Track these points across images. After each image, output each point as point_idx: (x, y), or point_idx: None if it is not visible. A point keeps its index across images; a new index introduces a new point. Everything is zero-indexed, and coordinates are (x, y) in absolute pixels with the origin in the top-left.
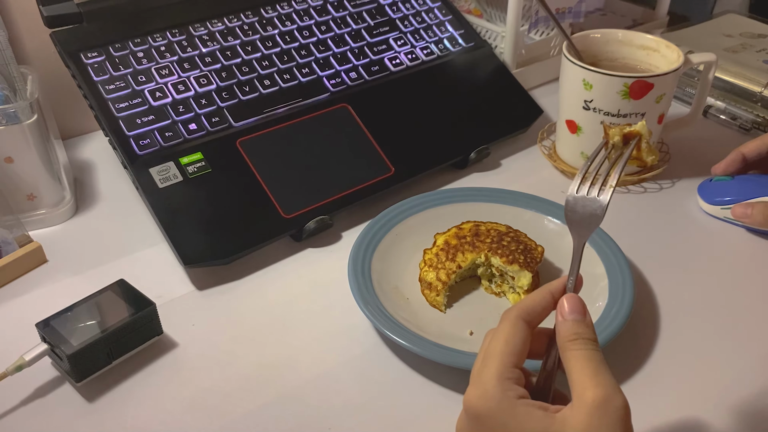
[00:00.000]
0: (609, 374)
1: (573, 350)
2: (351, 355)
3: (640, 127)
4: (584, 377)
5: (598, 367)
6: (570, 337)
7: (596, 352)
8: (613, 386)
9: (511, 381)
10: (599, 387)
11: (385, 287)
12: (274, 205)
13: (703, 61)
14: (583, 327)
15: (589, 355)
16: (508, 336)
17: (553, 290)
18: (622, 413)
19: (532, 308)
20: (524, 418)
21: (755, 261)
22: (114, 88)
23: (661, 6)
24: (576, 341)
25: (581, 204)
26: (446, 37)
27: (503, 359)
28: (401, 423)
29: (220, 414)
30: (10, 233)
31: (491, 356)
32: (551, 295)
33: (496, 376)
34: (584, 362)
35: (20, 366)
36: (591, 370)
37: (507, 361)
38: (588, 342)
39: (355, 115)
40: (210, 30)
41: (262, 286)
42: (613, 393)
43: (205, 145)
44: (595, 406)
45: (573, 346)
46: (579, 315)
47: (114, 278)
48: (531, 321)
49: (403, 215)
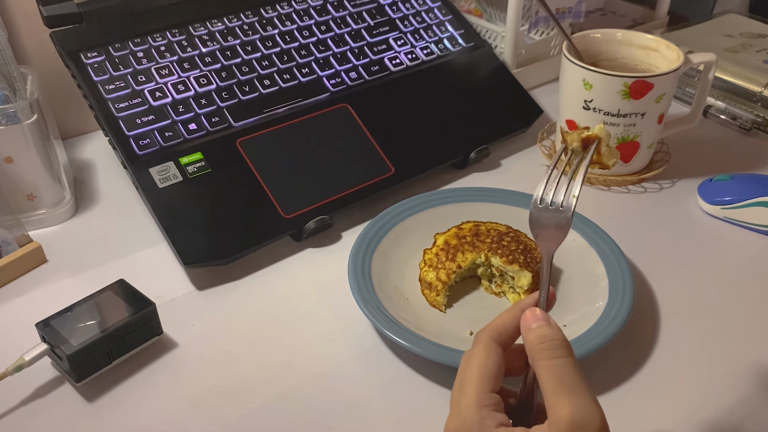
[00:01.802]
0: (583, 387)
1: (543, 360)
2: (351, 355)
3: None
4: (557, 394)
5: (572, 381)
6: (538, 345)
7: (567, 360)
8: (588, 402)
9: (489, 408)
10: (573, 406)
11: (385, 287)
12: (274, 205)
13: (703, 61)
14: (549, 330)
15: (560, 366)
16: (482, 361)
17: (524, 307)
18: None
19: (503, 328)
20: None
21: (755, 261)
22: (114, 88)
23: (661, 6)
24: (544, 349)
25: (545, 216)
26: (446, 37)
27: (479, 387)
28: (401, 423)
29: (220, 414)
30: (10, 233)
31: (467, 384)
32: (522, 313)
33: (474, 404)
34: (555, 376)
35: (20, 366)
36: (564, 385)
37: (483, 388)
38: (557, 348)
39: (355, 115)
40: (210, 30)
41: (262, 286)
42: (589, 411)
43: (205, 145)
44: (571, 428)
45: (542, 355)
46: (543, 321)
47: (114, 278)
48: (504, 341)
49: (403, 215)
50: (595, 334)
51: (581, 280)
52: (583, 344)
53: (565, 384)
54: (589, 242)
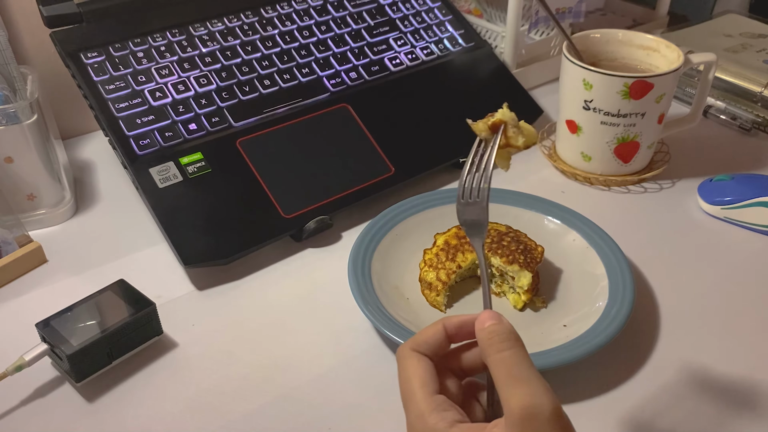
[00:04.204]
0: (532, 375)
1: (492, 355)
2: (351, 355)
3: (501, 114)
4: (508, 386)
5: (520, 371)
6: (487, 341)
7: (514, 351)
8: (537, 389)
9: (436, 411)
10: (523, 394)
11: (385, 287)
12: (274, 205)
13: (703, 61)
14: (500, 327)
15: (508, 358)
16: (411, 371)
17: (445, 322)
18: (552, 419)
19: (422, 339)
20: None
21: (755, 261)
22: (114, 88)
23: (661, 6)
24: (492, 344)
25: (468, 210)
26: (446, 37)
27: (418, 397)
28: (401, 423)
29: (220, 414)
30: (10, 233)
31: (407, 399)
32: (442, 325)
33: (420, 416)
34: (504, 368)
35: (20, 366)
36: (513, 376)
37: (422, 396)
38: (504, 341)
39: (355, 115)
40: (210, 30)
41: (262, 286)
42: (539, 397)
43: (205, 145)
44: (523, 417)
45: (491, 350)
46: (494, 320)
47: (114, 278)
48: (429, 352)
49: (403, 215)
50: (595, 334)
51: (581, 280)
52: (583, 344)
53: (513, 375)
54: (589, 242)
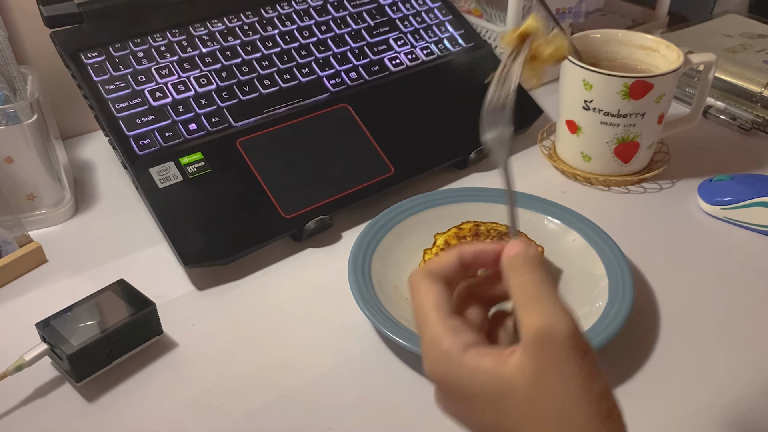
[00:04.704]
0: (550, 297)
1: (512, 279)
2: (351, 355)
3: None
4: (523, 308)
5: (538, 293)
6: (509, 265)
7: (536, 275)
8: (554, 310)
9: (450, 335)
10: (539, 315)
11: (385, 287)
12: (274, 205)
13: (703, 61)
14: (524, 253)
15: (529, 281)
16: (420, 297)
17: (461, 249)
18: (569, 341)
19: (435, 266)
20: (472, 371)
21: (755, 261)
22: (114, 88)
23: (661, 6)
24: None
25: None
26: (446, 37)
27: (429, 320)
28: (401, 423)
29: (220, 414)
30: (10, 233)
31: (419, 326)
32: (457, 253)
33: (433, 340)
34: (523, 291)
35: (20, 366)
36: (530, 298)
37: (434, 319)
38: (524, 264)
39: (355, 115)
40: (210, 30)
41: (262, 286)
42: (556, 318)
43: (205, 145)
44: (537, 339)
45: (513, 274)
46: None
47: (114, 278)
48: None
49: (403, 215)
50: (595, 334)
51: (581, 280)
52: None
53: (530, 297)
54: (589, 242)
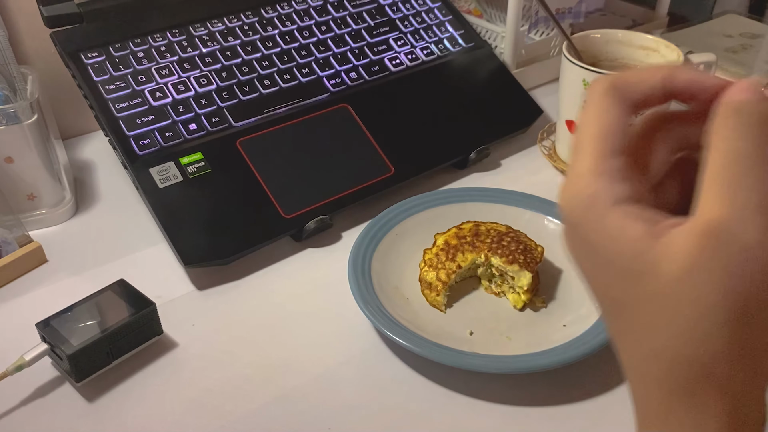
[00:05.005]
0: (752, 187)
1: (722, 137)
2: (351, 355)
3: None
4: (710, 183)
5: (738, 171)
6: (724, 115)
7: (757, 148)
8: (746, 206)
9: (605, 176)
10: (721, 205)
11: (385, 287)
12: (274, 205)
13: (703, 61)
14: (758, 99)
15: (742, 150)
16: (589, 113)
17: (672, 72)
18: (741, 253)
19: (631, 80)
20: (613, 234)
21: None
22: (114, 88)
23: (661, 6)
24: (729, 123)
25: None
26: (446, 37)
27: (592, 149)
28: (401, 423)
29: (220, 414)
30: (10, 233)
31: (578, 148)
32: (664, 74)
33: (586, 173)
34: (722, 160)
35: (20, 366)
36: (724, 176)
37: (598, 151)
38: (750, 126)
39: (355, 115)
40: (210, 30)
41: (262, 286)
42: (742, 219)
43: (205, 145)
44: (704, 234)
45: (723, 130)
46: (752, 94)
47: (114, 278)
48: (627, 96)
49: (403, 215)
50: (595, 334)
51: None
52: (583, 344)
53: (725, 173)
54: None
